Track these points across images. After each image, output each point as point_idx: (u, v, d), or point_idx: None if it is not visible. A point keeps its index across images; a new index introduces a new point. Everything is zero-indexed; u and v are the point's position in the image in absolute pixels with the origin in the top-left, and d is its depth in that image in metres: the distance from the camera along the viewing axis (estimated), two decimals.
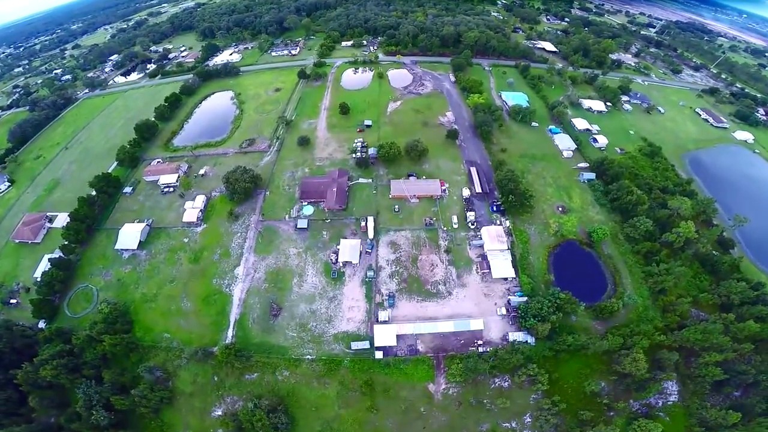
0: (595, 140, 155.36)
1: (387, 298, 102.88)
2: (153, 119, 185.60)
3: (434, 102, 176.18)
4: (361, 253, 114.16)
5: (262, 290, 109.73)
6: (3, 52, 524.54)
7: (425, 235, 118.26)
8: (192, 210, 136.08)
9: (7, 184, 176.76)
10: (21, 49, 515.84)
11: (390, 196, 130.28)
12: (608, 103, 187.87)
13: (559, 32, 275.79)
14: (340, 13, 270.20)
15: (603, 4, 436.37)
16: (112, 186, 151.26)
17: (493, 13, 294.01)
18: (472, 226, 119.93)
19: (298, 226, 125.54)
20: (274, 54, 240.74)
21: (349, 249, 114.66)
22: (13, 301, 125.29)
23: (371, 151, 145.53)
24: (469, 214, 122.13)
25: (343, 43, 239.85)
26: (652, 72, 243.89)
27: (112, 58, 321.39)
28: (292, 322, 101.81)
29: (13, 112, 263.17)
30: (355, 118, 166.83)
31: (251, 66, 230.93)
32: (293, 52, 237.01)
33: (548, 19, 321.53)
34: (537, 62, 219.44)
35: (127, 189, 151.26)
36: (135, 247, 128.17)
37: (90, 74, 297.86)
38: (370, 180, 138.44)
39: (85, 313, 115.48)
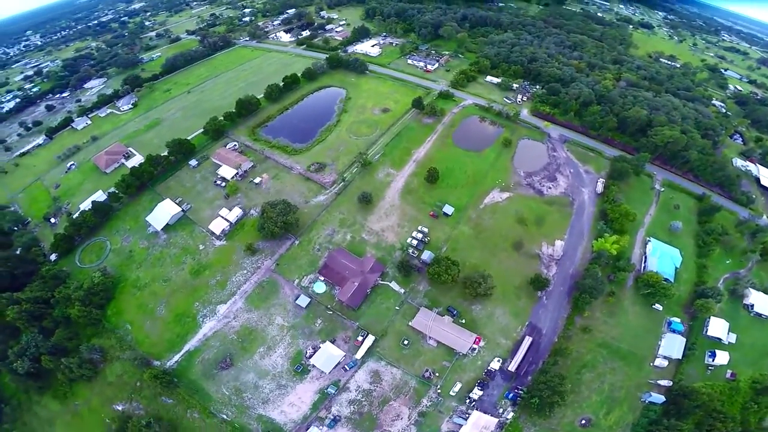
0: (714, 354, 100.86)
1: (331, 419, 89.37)
2: (260, 97, 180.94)
3: (553, 215, 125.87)
4: (338, 364, 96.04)
5: (227, 339, 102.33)
6: None
7: (414, 385, 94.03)
8: (221, 221, 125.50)
9: (131, 105, 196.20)
10: None
11: (409, 324, 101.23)
12: None
13: None
14: (506, 38, 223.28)
15: None
16: (183, 154, 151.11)
17: (715, 102, 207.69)
18: (469, 403, 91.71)
19: (296, 302, 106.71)
20: (409, 62, 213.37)
21: (326, 357, 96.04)
22: (53, 220, 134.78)
23: (426, 255, 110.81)
24: (477, 390, 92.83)
25: (489, 78, 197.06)
26: None
27: (289, 11, 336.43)
28: (232, 383, 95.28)
29: (191, 38, 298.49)
30: (439, 193, 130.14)
31: (380, 67, 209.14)
32: (430, 67, 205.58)
33: None
34: (736, 203, 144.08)
35: (193, 162, 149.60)
36: (160, 228, 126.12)
37: (260, 23, 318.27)
38: (402, 291, 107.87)
39: (89, 267, 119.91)
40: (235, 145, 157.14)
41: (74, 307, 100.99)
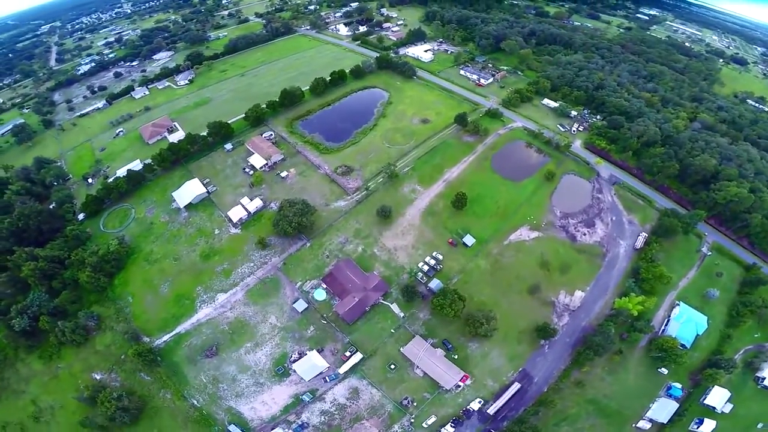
0: (701, 422, 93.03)
1: (298, 424, 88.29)
2: (305, 89, 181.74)
3: (581, 264, 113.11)
4: (319, 374, 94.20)
5: (218, 328, 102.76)
6: None
7: (390, 409, 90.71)
8: (241, 209, 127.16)
9: (188, 81, 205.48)
10: None
11: (400, 349, 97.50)
12: None
13: None
14: (574, 60, 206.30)
15: None
16: (221, 137, 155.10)
17: None
18: None
19: (294, 305, 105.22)
20: (462, 72, 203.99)
21: (309, 365, 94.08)
22: (90, 180, 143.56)
23: (434, 283, 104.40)
24: (450, 426, 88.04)
25: (545, 100, 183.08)
26: None
27: (352, 4, 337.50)
28: (212, 372, 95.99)
29: (258, 21, 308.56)
30: (463, 220, 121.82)
31: (430, 74, 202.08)
32: (483, 81, 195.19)
33: None
34: None
35: (228, 146, 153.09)
36: (182, 205, 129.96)
37: (323, 13, 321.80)
38: (401, 315, 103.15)
39: (111, 232, 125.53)
40: (271, 134, 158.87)
41: (85, 272, 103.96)
